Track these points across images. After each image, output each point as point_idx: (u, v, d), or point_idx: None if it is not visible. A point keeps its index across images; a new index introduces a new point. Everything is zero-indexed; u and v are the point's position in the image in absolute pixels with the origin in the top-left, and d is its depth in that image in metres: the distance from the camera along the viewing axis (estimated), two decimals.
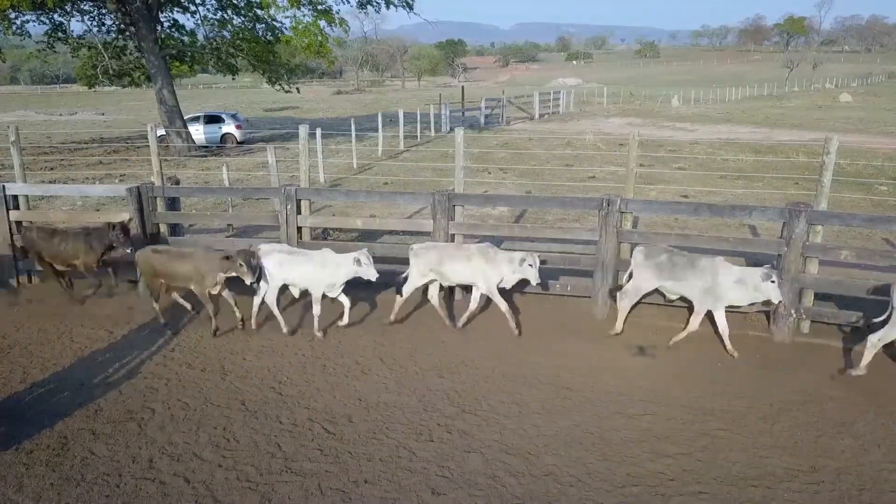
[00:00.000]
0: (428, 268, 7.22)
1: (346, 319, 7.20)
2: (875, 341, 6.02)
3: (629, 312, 7.06)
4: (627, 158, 7.54)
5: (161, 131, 20.63)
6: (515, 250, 7.23)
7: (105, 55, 21.30)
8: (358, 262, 6.82)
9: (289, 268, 7.07)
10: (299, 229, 8.31)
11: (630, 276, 7.05)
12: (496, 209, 12.03)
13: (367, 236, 10.11)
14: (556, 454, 4.96)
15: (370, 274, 6.81)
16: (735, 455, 4.95)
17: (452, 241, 7.89)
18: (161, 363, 6.50)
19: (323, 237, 10.17)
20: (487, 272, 7.03)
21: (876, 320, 6.19)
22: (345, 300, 7.16)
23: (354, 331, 7.23)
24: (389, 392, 5.90)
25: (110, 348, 6.84)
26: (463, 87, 37.15)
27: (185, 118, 22.34)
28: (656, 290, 7.00)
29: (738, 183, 14.43)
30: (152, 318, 7.43)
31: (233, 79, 27.27)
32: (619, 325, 7.01)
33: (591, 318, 7.44)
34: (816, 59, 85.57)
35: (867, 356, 6.05)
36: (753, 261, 8.50)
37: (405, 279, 7.38)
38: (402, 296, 7.37)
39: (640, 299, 7.09)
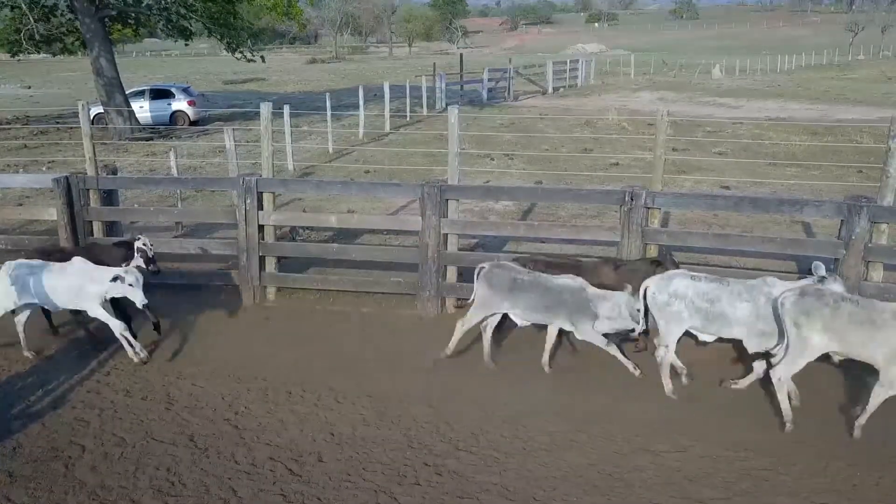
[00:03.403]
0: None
1: None
2: None
3: None
4: (655, 142, 7.55)
5: (97, 109, 20.62)
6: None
7: (31, 16, 21.19)
8: None
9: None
10: (261, 228, 8.32)
11: None
12: (499, 203, 12.05)
13: (343, 235, 10.13)
14: (566, 500, 4.96)
15: None
16: (782, 500, 4.96)
17: (445, 241, 7.90)
18: (94, 390, 6.48)
19: (291, 237, 10.18)
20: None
21: None
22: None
23: (326, 350, 7.22)
24: (368, 425, 5.89)
25: (33, 372, 6.82)
26: (462, 55, 37.21)
27: (126, 93, 22.31)
28: None
29: (789, 171, 14.46)
30: (81, 336, 7.43)
31: (186, 45, 27.26)
32: None
33: None
34: (886, 22, 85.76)
35: None
36: (806, 265, 8.54)
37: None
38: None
39: None
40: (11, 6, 22.33)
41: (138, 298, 6.62)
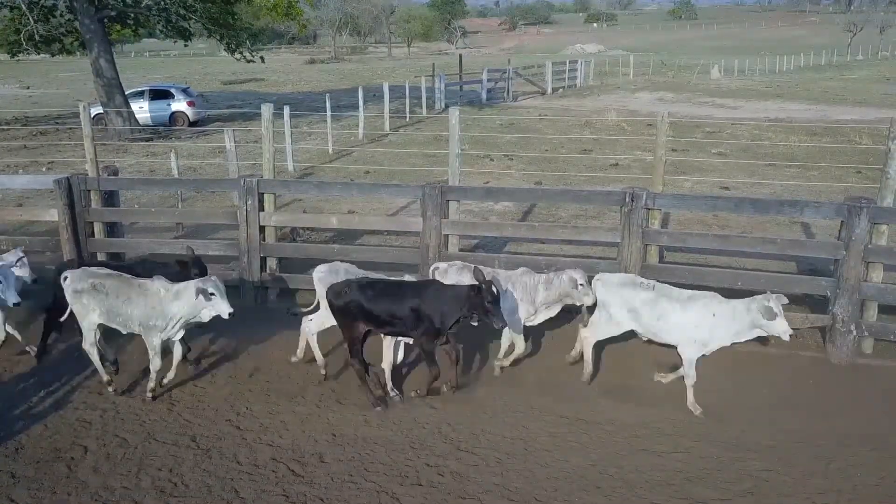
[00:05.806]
0: None
1: None
2: None
3: None
4: (655, 143, 7.57)
5: (97, 109, 20.61)
6: None
7: (30, 17, 21.18)
8: None
9: None
10: (262, 229, 8.33)
11: None
12: (499, 204, 12.06)
13: (344, 236, 10.14)
14: (568, 500, 4.98)
15: None
16: (783, 501, 4.98)
17: (446, 242, 7.92)
18: (96, 391, 6.49)
19: (291, 238, 10.19)
20: None
21: None
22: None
23: (327, 351, 7.23)
24: (369, 426, 5.91)
25: (35, 373, 6.83)
26: (461, 56, 37.22)
27: (126, 93, 22.31)
28: None
29: (789, 172, 14.49)
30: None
31: (185, 45, 27.25)
32: None
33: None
34: (884, 22, 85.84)
35: None
36: (807, 265, 8.57)
37: None
38: None
39: None
40: (11, 6, 22.32)
41: None
